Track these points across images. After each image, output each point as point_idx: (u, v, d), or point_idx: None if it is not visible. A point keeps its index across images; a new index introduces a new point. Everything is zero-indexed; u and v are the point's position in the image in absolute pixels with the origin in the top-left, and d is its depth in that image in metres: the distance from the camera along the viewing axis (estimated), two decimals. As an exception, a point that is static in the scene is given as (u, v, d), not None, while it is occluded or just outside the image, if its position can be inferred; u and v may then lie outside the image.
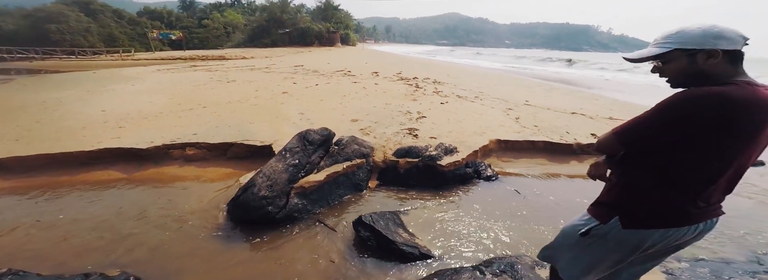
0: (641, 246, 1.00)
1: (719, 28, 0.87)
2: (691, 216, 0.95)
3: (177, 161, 3.37)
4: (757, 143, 0.88)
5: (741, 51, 0.88)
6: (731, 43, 0.86)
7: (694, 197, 0.93)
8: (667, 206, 0.95)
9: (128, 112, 4.75)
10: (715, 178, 0.90)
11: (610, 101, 7.50)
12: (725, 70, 0.88)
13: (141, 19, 35.29)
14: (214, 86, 7.24)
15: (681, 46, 0.89)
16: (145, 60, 17.75)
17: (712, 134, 0.84)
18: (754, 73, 1.07)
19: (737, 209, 2.83)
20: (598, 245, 1.07)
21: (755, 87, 0.84)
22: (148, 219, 2.42)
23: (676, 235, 0.97)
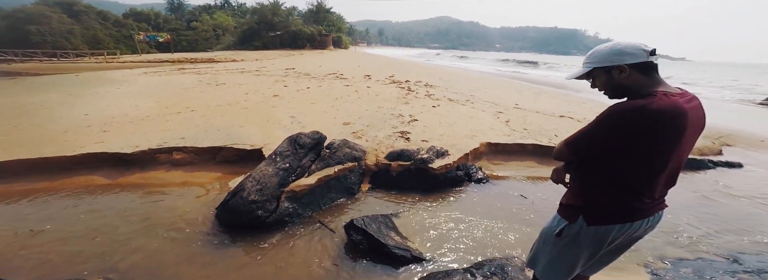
0: (605, 241, 1.11)
1: (621, 45, 1.00)
2: (641, 212, 1.07)
3: (164, 166, 3.29)
4: (683, 145, 0.99)
5: (649, 62, 0.99)
6: (634, 58, 0.98)
7: (640, 196, 1.04)
8: (619, 205, 1.06)
9: (113, 116, 4.62)
10: (654, 178, 1.02)
11: (598, 104, 7.69)
12: (639, 80, 1.00)
13: (127, 20, 34.57)
14: (203, 89, 7.12)
15: (597, 65, 1.03)
16: (132, 63, 17.34)
17: (642, 142, 0.94)
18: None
19: (716, 210, 2.94)
20: (571, 244, 1.17)
21: (671, 97, 0.94)
22: (133, 225, 2.35)
23: (632, 229, 1.09)
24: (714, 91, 14.64)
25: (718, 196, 3.17)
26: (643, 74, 0.99)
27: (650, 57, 0.98)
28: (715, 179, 3.65)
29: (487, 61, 37.83)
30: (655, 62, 1.00)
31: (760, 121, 7.32)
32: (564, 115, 5.74)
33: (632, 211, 1.06)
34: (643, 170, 1.00)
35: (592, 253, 1.16)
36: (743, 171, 3.93)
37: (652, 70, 1.00)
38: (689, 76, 18.74)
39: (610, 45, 1.02)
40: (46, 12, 25.78)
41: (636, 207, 1.05)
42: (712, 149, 4.51)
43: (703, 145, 4.55)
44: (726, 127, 6.01)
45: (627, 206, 1.06)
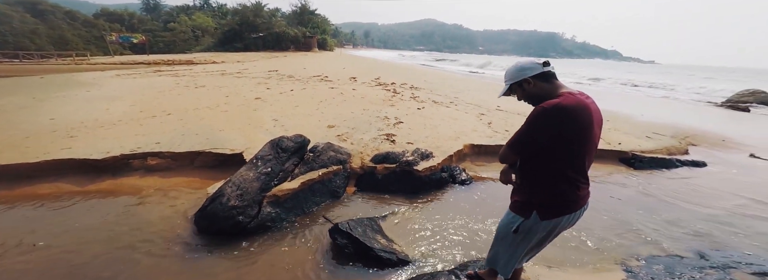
0: (554, 231, 1.30)
1: (521, 63, 1.25)
2: (579, 201, 1.25)
3: (138, 172, 3.14)
4: (593, 135, 1.19)
5: (546, 72, 1.22)
6: (532, 71, 1.22)
7: (577, 184, 1.22)
8: (564, 196, 1.23)
9: (82, 120, 4.36)
10: (582, 165, 1.21)
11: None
12: (544, 87, 1.23)
13: (98, 21, 32.96)
14: (181, 92, 6.86)
15: (511, 82, 1.28)
16: (103, 64, 16.47)
17: (564, 133, 1.13)
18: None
19: (685, 208, 3.11)
20: (527, 237, 1.33)
21: (575, 95, 1.16)
22: (104, 233, 2.22)
23: (573, 218, 1.28)
24: (681, 93, 15.54)
25: (686, 195, 3.34)
26: (545, 82, 1.23)
27: (545, 68, 1.22)
28: (682, 177, 3.85)
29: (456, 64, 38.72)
30: (552, 71, 1.23)
31: (721, 122, 7.82)
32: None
33: (574, 200, 1.24)
34: (572, 158, 1.18)
35: (540, 242, 1.35)
36: (707, 170, 4.17)
37: (552, 77, 1.23)
38: (658, 79, 19.67)
39: (514, 64, 1.27)
40: (7, 11, 24.23)
41: (577, 196, 1.23)
42: (679, 148, 4.78)
43: (670, 144, 4.82)
44: (691, 127, 6.38)
45: (569, 197, 1.23)
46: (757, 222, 2.77)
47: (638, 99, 12.17)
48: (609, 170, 3.99)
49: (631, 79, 20.20)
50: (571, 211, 1.25)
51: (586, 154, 1.20)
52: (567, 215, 1.24)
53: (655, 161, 4.16)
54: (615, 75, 21.82)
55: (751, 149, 5.09)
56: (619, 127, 5.63)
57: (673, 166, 4.15)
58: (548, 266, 2.08)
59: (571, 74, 24.96)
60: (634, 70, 41.83)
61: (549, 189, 1.23)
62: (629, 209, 2.94)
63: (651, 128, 5.80)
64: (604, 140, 4.69)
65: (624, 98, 12.11)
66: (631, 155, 4.25)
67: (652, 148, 4.56)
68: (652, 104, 10.58)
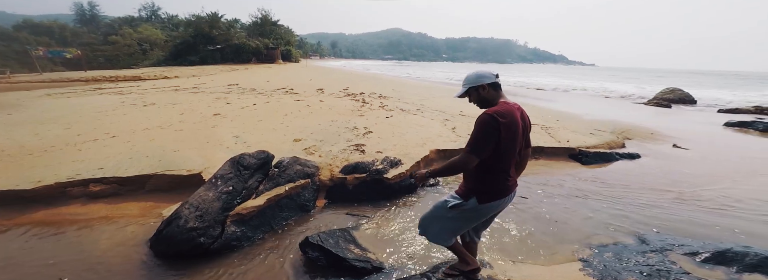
0: (489, 213, 1.60)
1: (481, 71, 1.49)
2: (508, 188, 1.53)
3: (78, 200, 2.81)
4: (522, 137, 1.47)
5: (496, 82, 1.48)
6: (489, 79, 1.47)
7: (507, 176, 1.51)
8: (497, 184, 1.51)
9: (2, 148, 3.82)
10: (510, 161, 1.49)
11: (530, 107, 8.64)
12: (493, 94, 1.49)
13: (19, 34, 29.37)
14: (127, 112, 6.30)
15: (470, 85, 1.49)
16: (28, 83, 14.57)
17: (503, 134, 1.37)
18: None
19: (627, 196, 3.48)
20: (461, 215, 1.60)
21: (509, 104, 1.44)
22: (43, 270, 1.95)
23: (504, 202, 1.55)
24: (616, 93, 17.51)
25: (627, 185, 3.68)
26: (494, 90, 1.48)
27: (496, 78, 1.48)
28: (621, 169, 4.28)
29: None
30: (499, 82, 1.50)
31: (648, 118, 8.90)
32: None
33: (505, 188, 1.52)
34: (507, 155, 1.44)
35: (475, 222, 1.65)
36: (641, 161, 4.65)
37: (498, 87, 1.50)
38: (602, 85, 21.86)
39: (475, 72, 1.50)
40: None
41: (507, 186, 1.52)
42: (617, 143, 5.35)
43: (610, 139, 5.38)
44: (625, 123, 7.16)
45: (501, 185, 1.51)
46: (684, 206, 3.14)
47: (583, 99, 13.50)
48: (560, 165, 4.35)
49: (584, 86, 22.05)
50: (501, 196, 1.53)
51: (515, 152, 1.47)
52: (498, 200, 1.53)
53: (599, 156, 4.59)
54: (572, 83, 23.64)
55: (673, 140, 5.84)
56: (568, 126, 6.19)
57: (614, 159, 4.60)
58: (512, 260, 2.20)
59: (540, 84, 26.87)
60: (581, 73, 46.31)
61: (487, 180, 1.50)
62: (580, 202, 3.21)
63: (594, 126, 6.45)
64: (554, 138, 5.13)
65: (572, 98, 13.35)
66: (578, 151, 4.65)
67: (595, 143, 5.05)
68: (595, 104, 11.76)
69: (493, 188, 1.50)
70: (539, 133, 5.35)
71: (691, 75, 53.28)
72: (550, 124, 6.27)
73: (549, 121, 6.55)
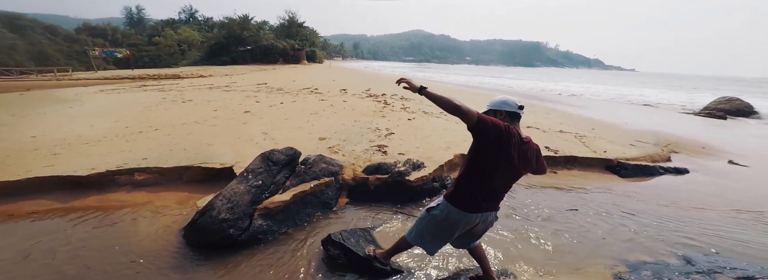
0: (456, 226, 1.61)
1: (508, 98, 1.57)
2: (478, 206, 1.57)
3: (124, 188, 3.07)
4: (516, 162, 1.51)
5: (517, 113, 1.56)
6: (510, 107, 1.55)
7: (481, 193, 1.55)
8: (469, 196, 1.56)
9: (64, 137, 4.25)
10: (490, 180, 1.52)
11: (561, 115, 8.25)
12: (504, 121, 1.53)
13: (80, 35, 32.41)
14: (168, 107, 6.78)
15: (490, 108, 1.60)
16: (86, 80, 16.12)
17: (496, 138, 1.44)
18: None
19: (671, 214, 3.23)
20: (432, 219, 1.68)
21: (518, 132, 1.51)
22: (90, 250, 2.16)
23: (471, 219, 1.58)
24: (662, 101, 16.19)
25: (671, 202, 3.38)
26: (511, 119, 1.56)
27: (518, 110, 1.56)
28: (666, 184, 3.93)
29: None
30: (520, 114, 1.57)
31: (700, 130, 8.09)
32: (531, 126, 6.11)
33: (475, 204, 1.56)
34: (490, 169, 1.51)
35: (445, 231, 1.66)
36: (689, 177, 4.24)
37: (516, 118, 1.57)
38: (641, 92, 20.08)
39: (503, 98, 1.59)
40: (-16, 26, 23.63)
41: (478, 203, 1.56)
42: (661, 156, 4.92)
43: (653, 152, 4.96)
44: (672, 135, 6.54)
45: (473, 198, 1.56)
46: (738, 228, 2.84)
47: (623, 107, 12.53)
48: (595, 177, 4.10)
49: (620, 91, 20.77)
50: (469, 210, 1.57)
51: (500, 173, 1.52)
52: (465, 213, 1.57)
53: (640, 169, 4.25)
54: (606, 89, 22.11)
55: (729, 156, 5.27)
56: (604, 136, 5.82)
57: (657, 173, 4.24)
58: (540, 273, 2.12)
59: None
60: (614, 77, 43.43)
61: (461, 187, 1.59)
62: (616, 216, 3.00)
63: (635, 136, 5.98)
64: (589, 147, 4.86)
65: (611, 106, 12.47)
66: (616, 162, 4.34)
67: (636, 155, 4.70)
68: (636, 113, 10.89)
69: (467, 199, 1.56)
70: (572, 141, 5.10)
71: (756, 83, 47.85)
72: (584, 132, 5.95)
73: (583, 130, 6.22)
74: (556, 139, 5.24)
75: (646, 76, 78.13)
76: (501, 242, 2.45)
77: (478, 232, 1.72)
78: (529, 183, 3.69)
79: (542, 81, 28.51)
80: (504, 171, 1.50)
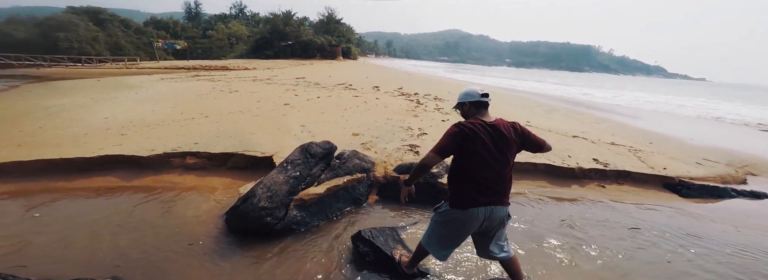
0: (463, 226, 1.62)
1: (470, 90, 1.68)
2: (476, 201, 1.56)
3: (176, 170, 3.36)
4: (493, 148, 1.55)
5: (480, 101, 1.65)
6: (472, 98, 1.66)
7: (475, 187, 1.56)
8: (463, 192, 1.58)
9: (131, 120, 4.76)
10: (479, 171, 1.55)
11: (613, 124, 7.56)
12: (471, 112, 1.68)
13: (147, 28, 36.01)
14: (217, 96, 7.32)
15: (459, 101, 1.73)
16: (150, 69, 17.97)
17: (459, 141, 1.54)
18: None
19: (737, 244, 2.83)
20: (440, 220, 1.71)
21: (477, 120, 1.59)
22: (143, 227, 2.39)
23: (476, 215, 1.57)
24: (735, 115, 14.10)
25: (744, 229, 2.96)
26: (476, 108, 1.66)
27: (481, 98, 1.64)
28: (739, 209, 3.45)
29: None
30: (484, 101, 1.64)
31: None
32: (578, 136, 5.68)
33: (473, 199, 1.56)
34: (473, 162, 1.56)
35: (454, 232, 1.68)
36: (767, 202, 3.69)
37: (481, 106, 1.66)
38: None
39: (465, 90, 1.70)
40: (74, 20, 27.12)
41: (476, 197, 1.56)
42: (735, 177, 4.31)
43: (725, 172, 4.37)
44: (750, 155, 5.68)
45: (468, 193, 1.57)
46: None
47: (687, 120, 11.13)
48: (650, 195, 3.71)
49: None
50: (468, 206, 1.57)
51: (486, 163, 1.55)
52: (466, 209, 1.57)
53: (706, 190, 3.78)
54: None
55: None
56: (664, 151, 5.25)
57: (728, 196, 3.74)
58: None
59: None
60: (682, 86, 38.26)
61: (454, 186, 1.63)
62: (673, 241, 2.69)
63: (702, 154, 5.31)
64: (646, 163, 4.41)
65: (671, 119, 11.13)
66: (677, 181, 3.92)
67: (702, 175, 4.18)
68: (704, 126, 9.58)
69: (460, 194, 1.59)
70: (626, 155, 4.66)
71: None
72: (640, 146, 5.40)
73: (639, 143, 5.64)
74: (606, 151, 4.82)
75: (719, 86, 68.06)
76: (535, 252, 2.32)
77: (491, 232, 1.67)
78: (549, 195, 3.45)
79: (587, 87, 26.28)
80: (486, 159, 1.54)
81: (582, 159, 4.25)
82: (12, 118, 4.68)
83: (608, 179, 3.95)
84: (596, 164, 4.13)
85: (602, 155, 4.54)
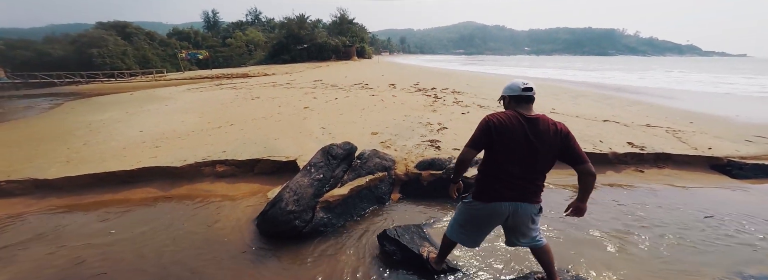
0: (489, 218, 1.63)
1: (513, 83, 1.58)
2: (502, 195, 1.55)
3: (208, 178, 3.53)
4: (528, 147, 1.49)
5: (520, 96, 1.55)
6: (512, 91, 1.58)
7: (501, 181, 1.54)
8: (489, 186, 1.58)
9: (163, 131, 5.05)
10: (507, 167, 1.52)
11: (646, 107, 7.09)
12: (510, 105, 1.60)
13: (170, 40, 37.55)
14: (240, 104, 7.59)
15: (502, 94, 1.65)
16: (176, 80, 18.97)
17: (492, 135, 1.51)
18: None
19: None
20: (464, 210, 1.73)
21: (509, 113, 1.54)
22: (183, 235, 2.54)
23: (501, 209, 1.56)
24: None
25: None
26: (516, 102, 1.57)
27: (523, 92, 1.54)
28: None
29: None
30: (526, 95, 1.55)
31: None
32: (608, 120, 5.37)
33: (498, 193, 1.56)
34: (502, 158, 1.53)
35: (478, 222, 1.70)
36: None
37: (522, 100, 1.56)
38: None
39: (509, 83, 1.61)
40: (104, 35, 28.99)
41: (501, 191, 1.55)
42: None
43: None
44: None
45: (493, 187, 1.57)
46: None
47: (729, 97, 10.19)
48: (696, 177, 3.47)
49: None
50: (493, 199, 1.57)
51: (515, 158, 1.51)
52: (491, 203, 1.57)
53: (761, 169, 3.50)
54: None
55: None
56: (707, 130, 4.85)
57: None
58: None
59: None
60: (724, 63, 34.65)
61: (481, 180, 1.64)
62: (732, 222, 2.54)
63: (752, 131, 4.88)
64: (687, 144, 4.10)
65: (711, 97, 10.25)
66: (726, 161, 3.64)
67: (755, 153, 3.86)
68: (750, 104, 8.74)
69: (484, 187, 1.60)
70: (664, 137, 4.36)
71: None
72: (679, 127, 5.02)
73: (678, 124, 5.25)
74: (641, 134, 4.52)
75: (763, 62, 60.94)
76: (568, 245, 2.22)
77: (517, 227, 1.64)
78: (621, 182, 3.30)
79: (611, 70, 24.66)
80: (516, 153, 1.50)
81: (615, 143, 4.01)
82: (60, 136, 5.11)
83: (646, 163, 3.71)
84: (631, 147, 3.89)
85: (637, 138, 4.27)
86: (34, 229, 2.66)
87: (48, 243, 2.45)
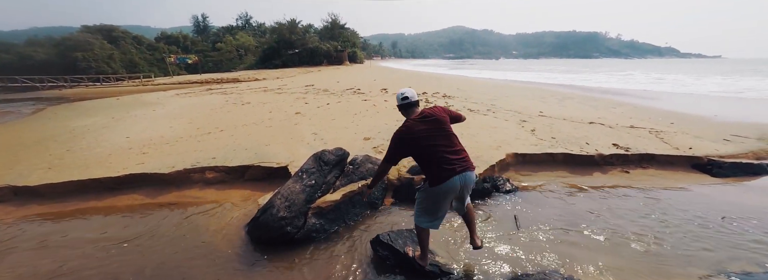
0: (447, 194, 1.84)
1: (397, 93, 2.00)
2: (448, 174, 1.79)
3: (197, 185, 3.46)
4: (433, 132, 1.83)
5: (402, 104, 1.97)
6: (398, 102, 2.00)
7: (441, 165, 1.79)
8: (436, 173, 1.80)
9: (150, 137, 4.94)
10: (435, 155, 1.80)
11: (630, 108, 7.31)
12: (405, 112, 1.98)
13: (158, 44, 36.99)
14: (230, 109, 7.49)
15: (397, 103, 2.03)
16: (164, 85, 18.62)
17: (412, 145, 1.82)
18: None
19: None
20: (424, 196, 1.93)
21: (411, 120, 1.88)
22: (170, 241, 2.48)
23: (453, 184, 1.79)
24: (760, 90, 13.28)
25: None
26: (404, 110, 1.97)
27: (402, 101, 1.96)
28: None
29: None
30: (405, 103, 1.95)
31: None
32: (594, 122, 5.51)
33: (445, 175, 1.78)
34: (427, 153, 1.81)
35: (439, 201, 1.88)
36: None
37: (408, 106, 1.96)
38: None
39: (397, 92, 2.01)
40: (90, 39, 28.32)
41: (446, 171, 1.78)
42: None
43: (758, 148, 4.17)
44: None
45: (440, 173, 1.79)
46: None
47: (707, 98, 10.61)
48: (679, 177, 3.58)
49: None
50: (444, 180, 1.78)
51: (435, 148, 1.80)
52: (443, 184, 1.78)
53: (739, 167, 3.63)
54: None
55: None
56: (687, 130, 5.03)
57: (764, 172, 3.60)
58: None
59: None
60: (700, 64, 36.34)
61: (426, 171, 1.86)
62: (713, 220, 2.62)
63: (729, 130, 5.09)
64: (669, 144, 4.25)
65: (690, 98, 10.63)
66: (706, 160, 3.77)
67: (733, 152, 4.00)
68: (728, 104, 9.13)
69: (432, 175, 1.82)
70: (647, 137, 4.50)
71: None
72: (661, 127, 5.19)
73: (660, 125, 5.43)
74: (625, 135, 4.66)
75: (736, 63, 63.94)
76: (561, 246, 2.26)
77: (464, 194, 1.94)
78: (570, 184, 3.37)
79: (594, 73, 25.42)
80: (434, 142, 1.80)
81: (601, 145, 4.12)
82: (42, 142, 4.95)
83: (631, 164, 3.82)
84: (616, 149, 4.00)
85: (622, 140, 4.39)
86: (12, 237, 2.56)
87: (27, 251, 2.36)
